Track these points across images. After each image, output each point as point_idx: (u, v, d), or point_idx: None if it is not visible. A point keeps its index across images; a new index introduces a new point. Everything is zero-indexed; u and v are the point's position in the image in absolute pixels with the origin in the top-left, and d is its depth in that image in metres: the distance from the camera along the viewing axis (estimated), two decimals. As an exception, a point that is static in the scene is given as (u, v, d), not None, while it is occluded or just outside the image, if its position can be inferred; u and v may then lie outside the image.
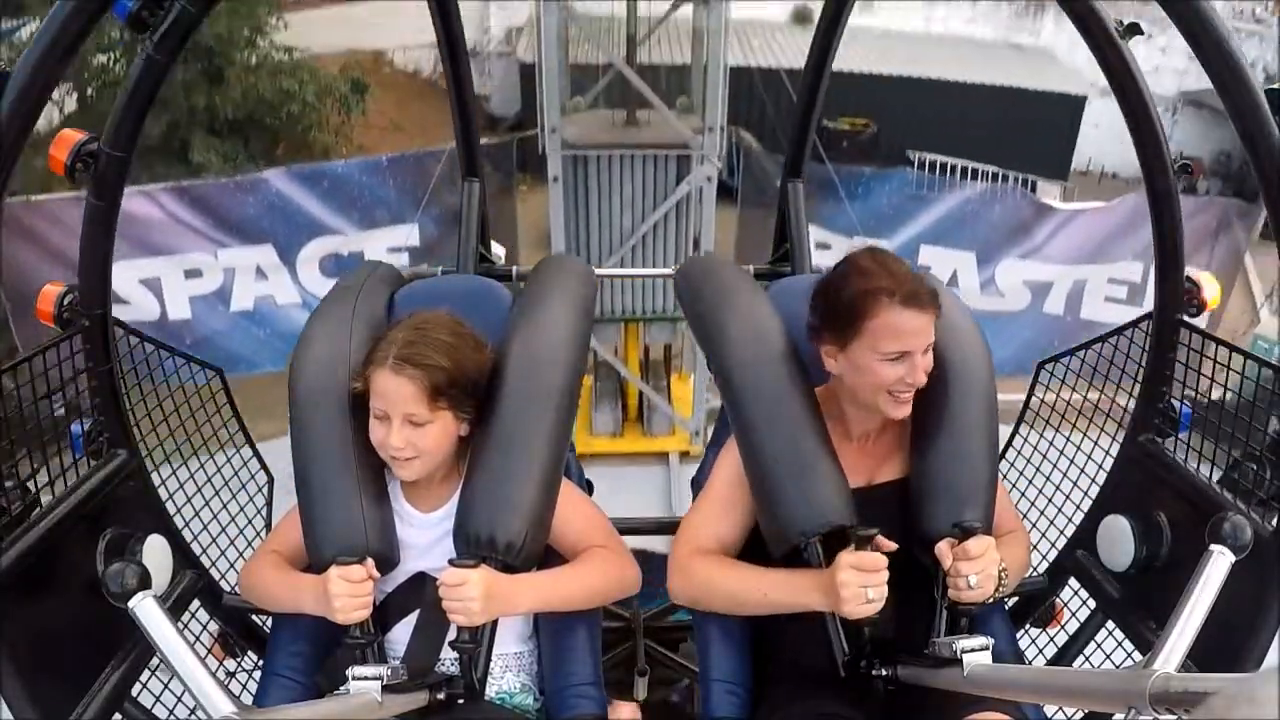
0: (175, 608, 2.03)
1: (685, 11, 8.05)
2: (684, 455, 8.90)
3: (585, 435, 9.09)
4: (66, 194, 6.54)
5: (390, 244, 7.92)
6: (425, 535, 1.78)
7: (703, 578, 1.76)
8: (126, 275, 7.29)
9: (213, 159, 12.28)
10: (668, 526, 1.96)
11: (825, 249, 8.30)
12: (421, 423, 1.68)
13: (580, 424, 8.90)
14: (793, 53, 15.87)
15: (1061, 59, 17.43)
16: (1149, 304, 2.07)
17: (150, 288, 7.37)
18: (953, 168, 14.28)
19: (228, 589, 2.21)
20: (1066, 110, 16.43)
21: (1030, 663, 2.25)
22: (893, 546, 1.58)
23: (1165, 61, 15.05)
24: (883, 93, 16.62)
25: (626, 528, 1.97)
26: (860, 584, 1.53)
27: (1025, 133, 16.19)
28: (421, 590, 1.75)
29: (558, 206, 7.38)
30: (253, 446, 2.45)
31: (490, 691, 1.79)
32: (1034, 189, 8.91)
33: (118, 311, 1.90)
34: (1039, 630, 2.39)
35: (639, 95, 7.52)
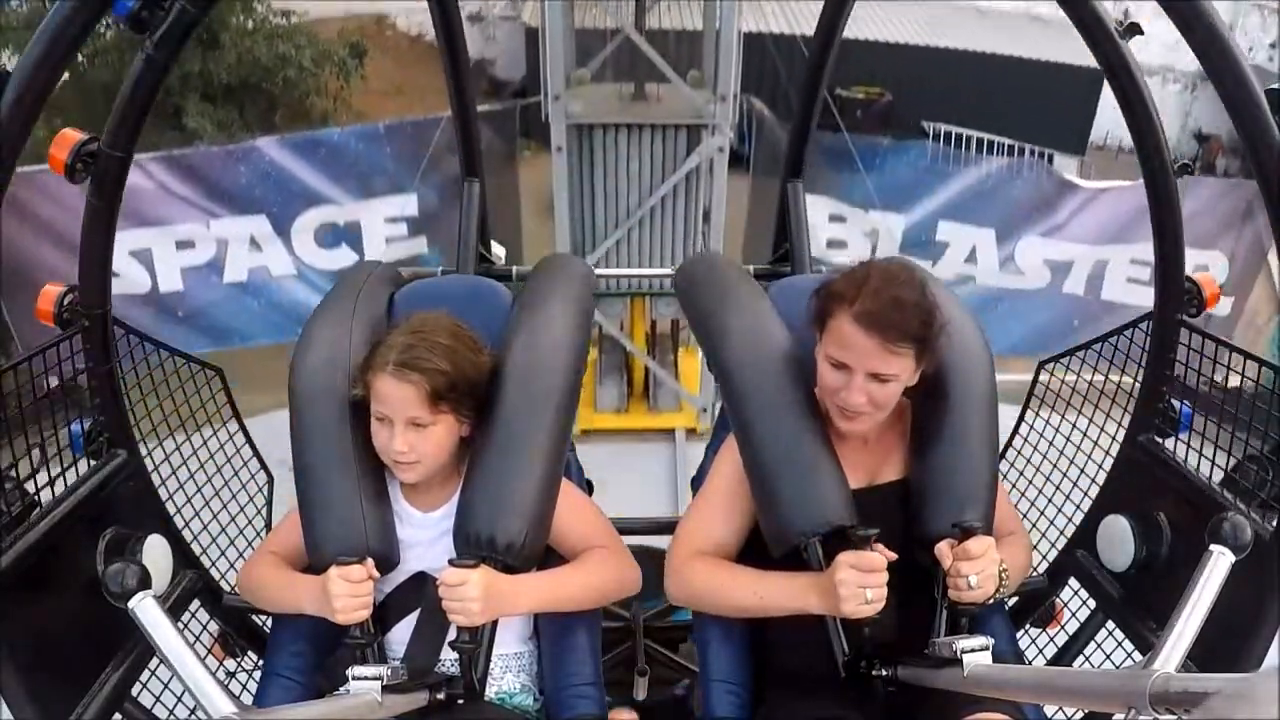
0: (175, 608, 2.03)
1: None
2: (690, 432, 8.59)
3: (589, 411, 8.73)
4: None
5: (388, 214, 7.73)
6: (425, 535, 1.78)
7: (699, 581, 1.76)
8: (116, 248, 7.03)
9: (207, 125, 11.97)
10: (668, 526, 1.96)
11: (840, 221, 8.07)
12: (424, 425, 1.68)
13: (584, 400, 8.47)
14: (808, 18, 15.51)
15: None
16: None
17: (141, 259, 7.15)
18: (969, 140, 13.96)
19: (228, 589, 2.20)
20: (1085, 83, 15.72)
21: (1030, 663, 2.25)
22: (893, 556, 1.57)
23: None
24: (898, 61, 16.23)
25: (626, 527, 1.97)
26: (859, 584, 1.53)
27: (1043, 106, 15.75)
28: (422, 590, 1.75)
29: (561, 178, 7.12)
30: (253, 446, 2.45)
31: (490, 692, 1.79)
32: (1051, 162, 8.64)
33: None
34: (1039, 630, 2.39)
35: (647, 64, 7.18)
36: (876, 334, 1.61)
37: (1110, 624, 2.15)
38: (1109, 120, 16.31)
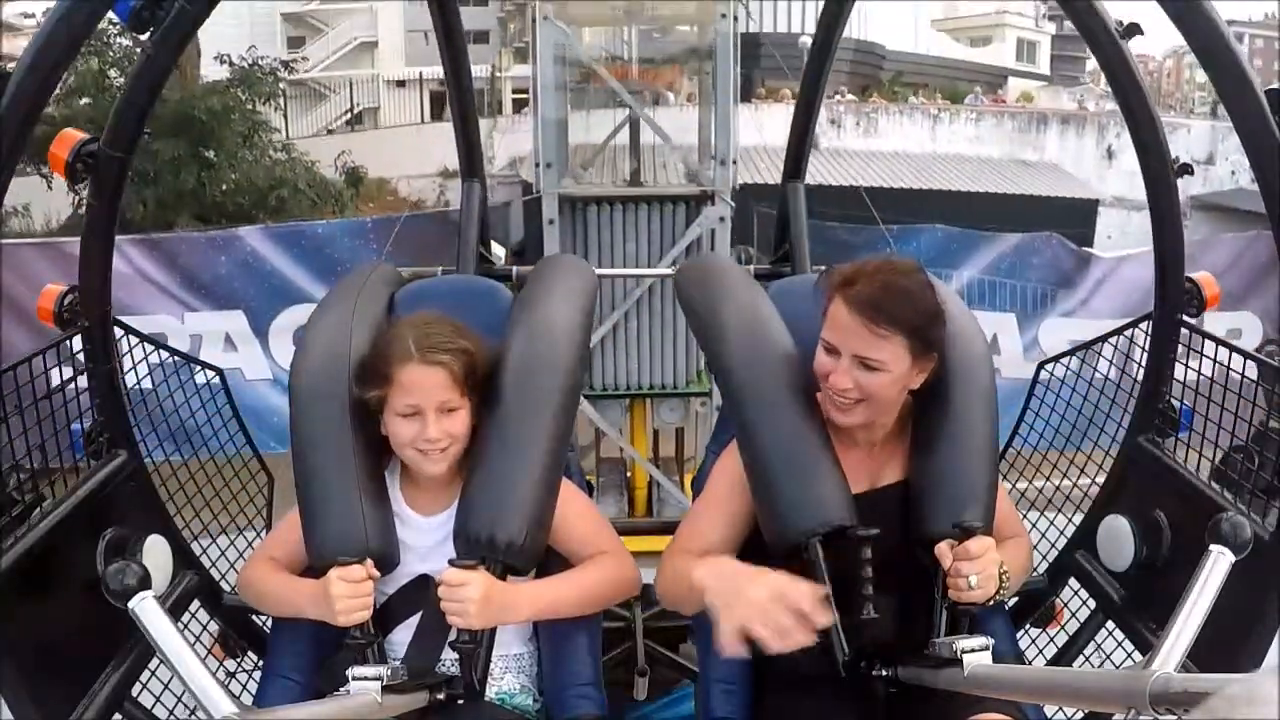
0: (175, 608, 2.03)
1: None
2: None
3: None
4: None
5: None
6: (428, 538, 1.78)
7: (669, 573, 1.77)
8: None
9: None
10: (668, 527, 1.96)
11: None
12: (454, 409, 1.69)
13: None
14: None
15: (1070, 170, 17.44)
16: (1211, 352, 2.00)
17: None
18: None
19: (228, 589, 2.21)
20: (1080, 215, 16.08)
21: (1030, 663, 2.25)
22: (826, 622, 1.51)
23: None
24: (893, 204, 16.15)
25: (627, 528, 1.97)
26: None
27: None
28: (424, 593, 1.75)
29: (553, 251, 6.68)
30: (253, 447, 2.45)
31: (490, 692, 1.79)
32: (1054, 299, 8.28)
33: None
34: (1039, 630, 2.39)
35: (641, 155, 6.91)
36: (863, 315, 1.62)
37: (1110, 624, 2.15)
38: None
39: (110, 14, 1.45)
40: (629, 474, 7.33)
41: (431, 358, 1.66)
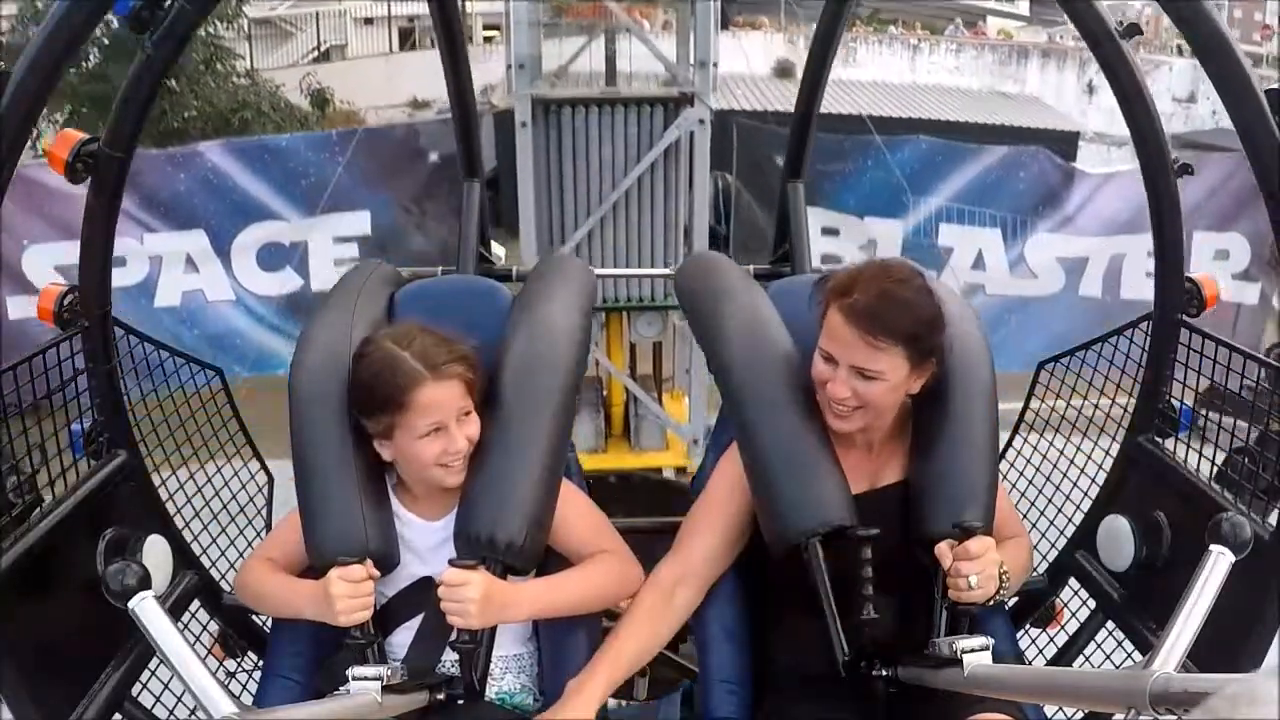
0: (175, 608, 2.03)
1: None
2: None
3: (563, 452, 7.97)
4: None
5: (338, 233, 6.98)
6: (430, 542, 1.78)
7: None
8: (41, 262, 6.31)
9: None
10: (669, 528, 1.96)
11: (833, 235, 7.48)
12: (469, 413, 1.71)
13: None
14: (778, 97, 15.17)
15: (1051, 103, 17.37)
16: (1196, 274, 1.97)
17: (68, 276, 6.62)
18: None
19: (228, 589, 2.20)
20: (1060, 147, 15.92)
21: (1030, 663, 2.25)
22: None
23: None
24: (875, 130, 16.26)
25: (627, 528, 1.97)
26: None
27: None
28: (425, 595, 1.74)
29: (526, 158, 6.30)
30: (253, 447, 2.45)
31: (490, 692, 1.79)
32: (1041, 215, 7.94)
33: (29, 306, 1.88)
34: (1039, 630, 2.39)
35: (617, 55, 6.57)
36: (861, 327, 1.61)
37: (1110, 624, 2.15)
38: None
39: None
40: (605, 391, 7.09)
41: (444, 373, 1.66)
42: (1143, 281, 7.00)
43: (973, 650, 1.48)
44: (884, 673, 1.65)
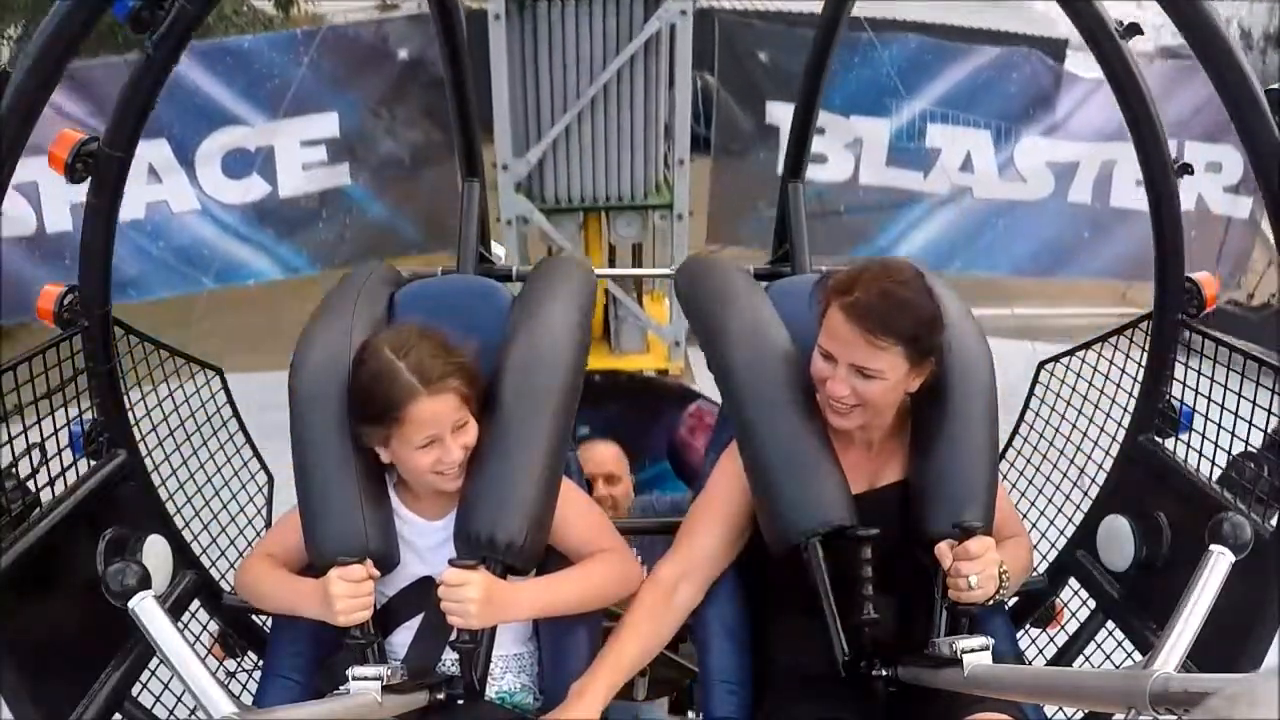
0: (175, 608, 2.03)
1: None
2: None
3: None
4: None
5: (305, 136, 6.59)
6: (430, 542, 1.78)
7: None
8: None
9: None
10: (671, 528, 1.96)
11: (818, 134, 7.19)
12: (465, 423, 1.69)
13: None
14: None
15: (1036, 9, 17.12)
16: (1185, 188, 1.93)
17: (25, 194, 5.87)
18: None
19: (228, 589, 2.20)
20: (1048, 52, 15.70)
21: (1030, 663, 2.25)
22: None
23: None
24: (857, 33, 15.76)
25: (627, 528, 1.97)
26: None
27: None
28: (426, 595, 1.75)
29: (500, 53, 5.96)
30: (253, 447, 2.45)
31: (490, 692, 1.79)
32: (1031, 118, 7.49)
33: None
34: (1039, 630, 2.39)
35: None
36: (861, 326, 1.62)
37: (1110, 624, 2.15)
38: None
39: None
40: None
41: (439, 387, 1.64)
42: (1133, 190, 6.62)
43: (973, 650, 1.48)
44: (884, 673, 1.65)
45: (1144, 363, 2.10)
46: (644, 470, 3.59)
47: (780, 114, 6.66)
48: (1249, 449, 1.84)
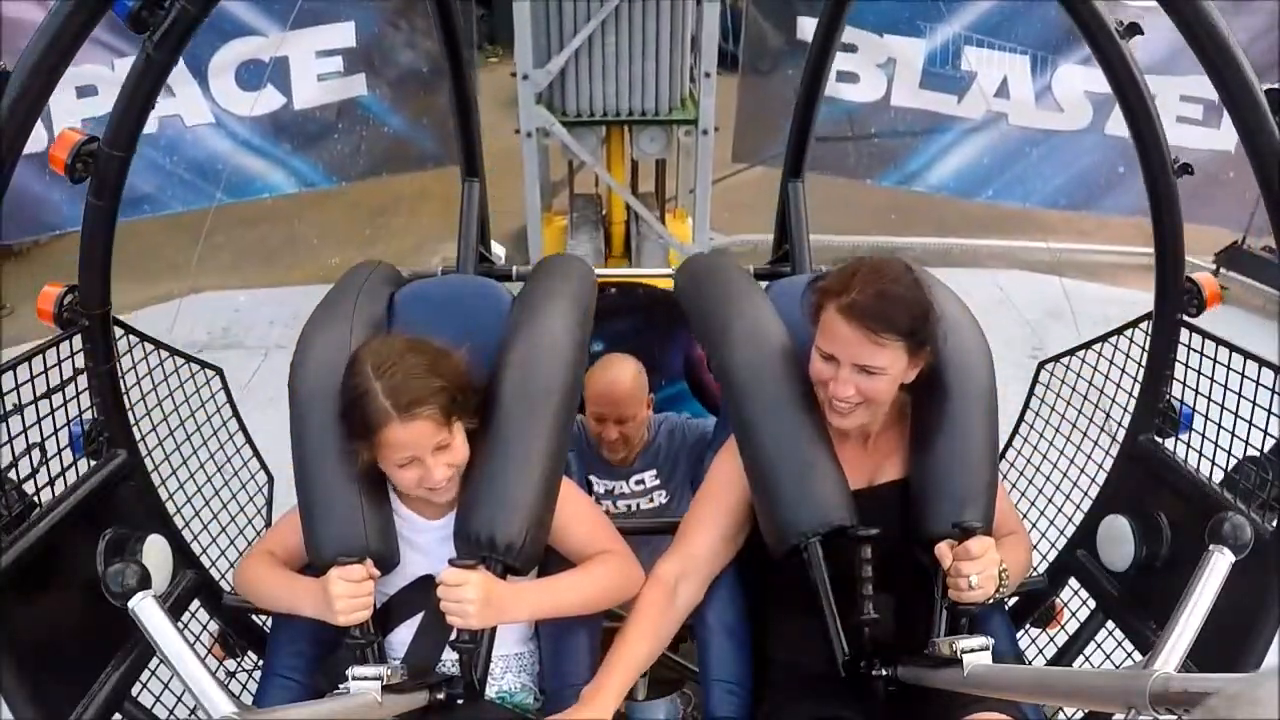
0: (175, 608, 2.03)
1: None
2: None
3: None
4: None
5: (321, 46, 6.34)
6: (430, 538, 1.78)
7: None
8: None
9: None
10: (670, 528, 1.96)
11: (850, 51, 6.62)
12: (446, 445, 1.66)
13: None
14: None
15: None
16: (1226, 127, 1.89)
17: None
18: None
19: (228, 589, 2.20)
20: None
21: (1030, 663, 2.25)
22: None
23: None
24: None
25: (627, 528, 1.97)
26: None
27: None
28: (425, 594, 1.74)
29: None
30: (253, 446, 2.45)
31: (490, 691, 1.79)
32: (1070, 45, 7.04)
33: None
34: (1039, 630, 2.39)
35: None
36: (861, 325, 1.63)
37: (1110, 624, 2.15)
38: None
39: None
40: (605, 210, 6.59)
41: (412, 415, 1.60)
42: (1172, 127, 5.89)
43: (972, 650, 1.48)
44: (883, 672, 1.65)
45: (1144, 363, 2.10)
46: (660, 390, 3.46)
47: (813, 29, 6.33)
48: (1250, 451, 1.84)
